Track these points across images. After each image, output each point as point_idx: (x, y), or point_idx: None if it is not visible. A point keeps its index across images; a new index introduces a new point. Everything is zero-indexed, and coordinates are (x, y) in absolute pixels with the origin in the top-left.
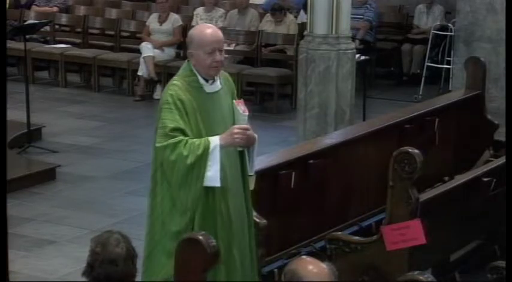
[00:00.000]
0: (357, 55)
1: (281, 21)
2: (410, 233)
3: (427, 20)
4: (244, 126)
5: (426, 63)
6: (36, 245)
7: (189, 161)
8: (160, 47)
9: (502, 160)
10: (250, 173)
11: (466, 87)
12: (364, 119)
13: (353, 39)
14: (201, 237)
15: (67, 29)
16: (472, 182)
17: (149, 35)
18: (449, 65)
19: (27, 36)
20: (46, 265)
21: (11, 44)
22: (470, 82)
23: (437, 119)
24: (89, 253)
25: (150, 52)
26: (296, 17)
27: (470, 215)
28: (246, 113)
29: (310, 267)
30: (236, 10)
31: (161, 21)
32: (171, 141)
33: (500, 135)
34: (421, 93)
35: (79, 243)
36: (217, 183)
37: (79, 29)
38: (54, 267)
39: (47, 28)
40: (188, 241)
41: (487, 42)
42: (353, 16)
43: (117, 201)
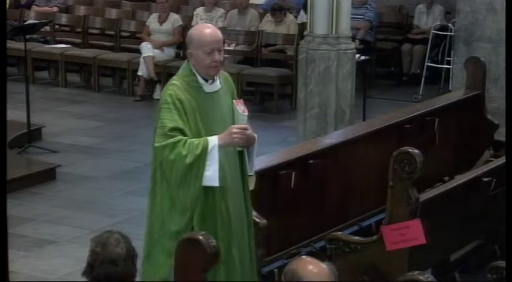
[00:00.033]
0: (357, 55)
1: (281, 21)
2: (410, 233)
3: (427, 20)
4: (243, 126)
5: (426, 63)
6: (36, 245)
7: (188, 160)
8: (160, 47)
9: (502, 160)
10: (250, 173)
11: (466, 87)
12: (364, 119)
13: (353, 39)
14: (201, 237)
15: (67, 29)
16: (472, 182)
17: (149, 35)
18: (449, 65)
19: (27, 36)
20: (46, 265)
21: (11, 44)
22: (470, 82)
23: (437, 119)
24: (89, 253)
25: (150, 52)
26: (296, 17)
27: (470, 215)
28: (245, 113)
29: (310, 267)
30: (236, 10)
31: (161, 21)
32: (170, 140)
33: (500, 135)
34: (421, 93)
35: (79, 243)
36: (216, 183)
37: (79, 29)
38: (54, 267)
39: (47, 28)
40: (188, 241)
41: (487, 42)
42: (353, 16)
43: (117, 201)
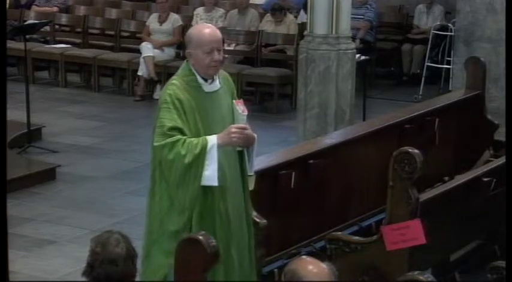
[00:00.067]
0: (357, 55)
1: (281, 21)
2: (410, 233)
3: (427, 20)
4: (241, 126)
5: (426, 63)
6: (36, 245)
7: (187, 160)
8: (160, 47)
9: (502, 160)
10: (250, 173)
11: (466, 87)
12: (364, 119)
13: (353, 39)
14: (201, 237)
15: (67, 29)
16: (472, 182)
17: (149, 35)
18: (449, 65)
19: (27, 36)
20: (46, 265)
21: (11, 44)
22: (470, 82)
23: (437, 119)
24: (89, 253)
25: (150, 52)
26: (296, 17)
27: (470, 215)
28: (245, 113)
29: (310, 267)
30: (236, 10)
31: (161, 21)
32: (169, 140)
33: (500, 135)
34: (421, 93)
35: (79, 243)
36: (215, 183)
37: (79, 29)
38: (54, 267)
39: (47, 28)
40: (188, 241)
41: (487, 42)
42: (353, 16)
43: (117, 201)
